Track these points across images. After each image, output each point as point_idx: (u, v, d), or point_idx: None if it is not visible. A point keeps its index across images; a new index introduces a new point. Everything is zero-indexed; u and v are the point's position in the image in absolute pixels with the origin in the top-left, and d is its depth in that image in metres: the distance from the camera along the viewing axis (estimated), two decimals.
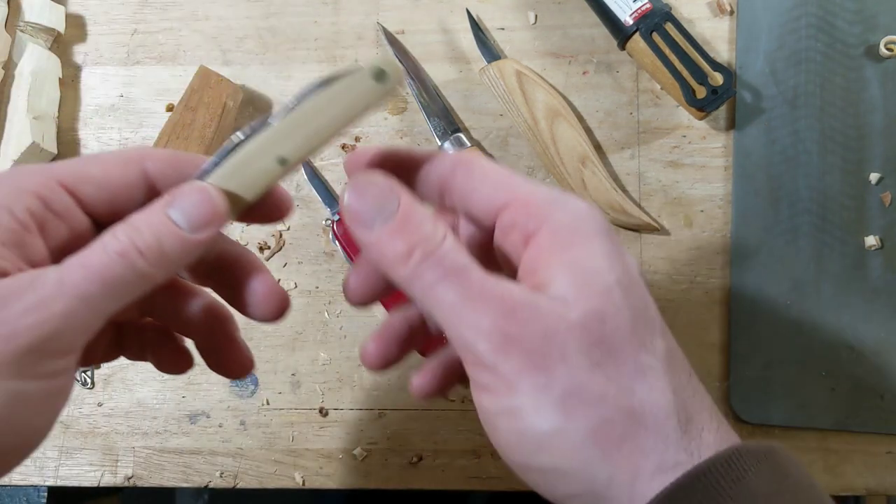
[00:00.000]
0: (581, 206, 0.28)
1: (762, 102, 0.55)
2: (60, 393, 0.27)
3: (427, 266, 0.26)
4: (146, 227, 0.27)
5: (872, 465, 0.53)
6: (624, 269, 0.27)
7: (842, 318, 0.52)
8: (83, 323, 0.26)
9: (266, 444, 0.56)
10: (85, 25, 0.60)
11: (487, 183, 0.29)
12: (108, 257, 0.26)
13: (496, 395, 0.26)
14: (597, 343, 0.25)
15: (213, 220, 0.28)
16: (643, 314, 0.27)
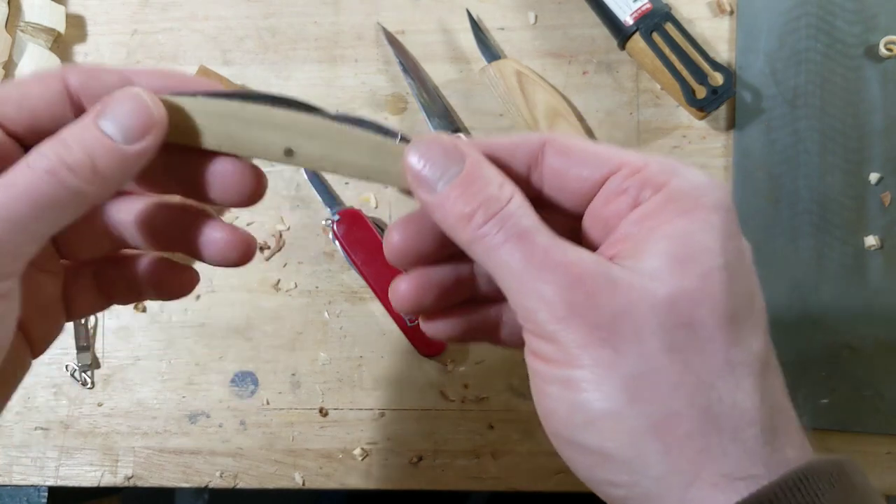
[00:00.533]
0: (702, 177, 0.25)
1: (762, 102, 0.55)
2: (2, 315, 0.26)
3: (490, 228, 0.24)
4: (75, 141, 0.25)
5: (872, 465, 0.53)
6: (737, 252, 0.25)
7: (842, 318, 0.52)
8: (13, 245, 0.24)
9: (266, 444, 0.56)
10: (85, 25, 0.60)
11: (589, 156, 0.26)
12: (35, 175, 0.24)
13: (553, 365, 0.24)
14: (682, 326, 0.23)
15: (150, 129, 0.26)
16: (747, 306, 0.24)
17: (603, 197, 0.26)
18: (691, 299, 0.23)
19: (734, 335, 0.23)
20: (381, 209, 0.57)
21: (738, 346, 0.23)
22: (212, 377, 0.56)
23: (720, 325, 0.23)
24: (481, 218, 0.25)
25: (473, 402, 0.55)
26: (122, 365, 0.57)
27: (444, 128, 0.55)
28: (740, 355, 0.23)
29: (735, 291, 0.24)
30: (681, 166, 0.25)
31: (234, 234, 0.30)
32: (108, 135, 0.25)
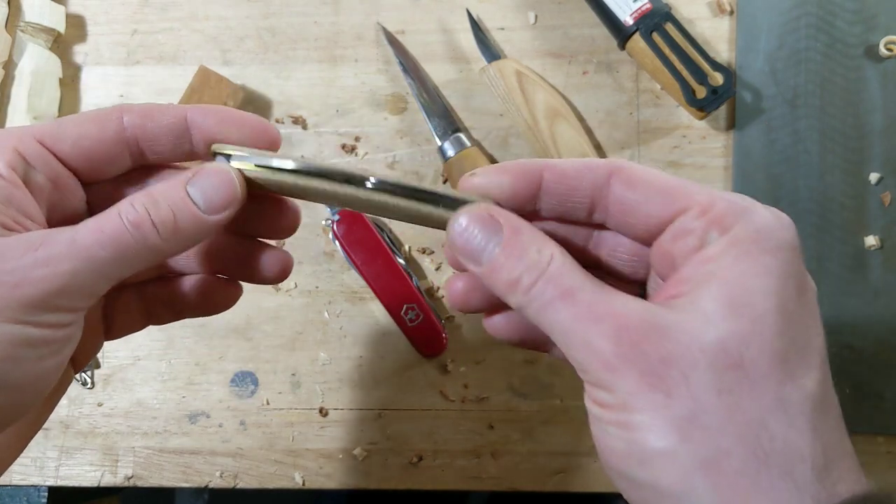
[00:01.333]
0: (769, 217, 0.26)
1: (762, 102, 0.55)
2: (63, 343, 0.28)
3: (536, 291, 0.26)
4: (164, 200, 0.28)
5: (872, 465, 0.53)
6: (796, 293, 0.25)
7: (842, 318, 0.52)
8: (89, 284, 0.27)
9: (266, 444, 0.56)
10: (85, 25, 0.60)
11: (657, 191, 0.27)
12: (122, 225, 0.27)
13: (610, 410, 0.25)
14: (732, 367, 0.24)
15: (230, 205, 0.28)
16: (801, 347, 0.25)
17: (671, 234, 0.27)
18: (742, 341, 0.24)
19: (786, 374, 0.24)
20: None
21: (790, 385, 0.24)
22: (212, 377, 0.56)
23: (771, 364, 0.24)
24: (527, 282, 0.26)
25: (473, 402, 0.55)
26: (122, 365, 0.57)
27: (444, 128, 0.55)
28: (793, 394, 0.24)
29: (788, 332, 0.24)
30: (749, 205, 0.26)
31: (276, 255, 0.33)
32: (194, 200, 0.28)
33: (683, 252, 0.26)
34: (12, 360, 0.26)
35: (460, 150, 0.55)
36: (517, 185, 0.28)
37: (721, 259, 0.25)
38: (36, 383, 0.28)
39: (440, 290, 0.56)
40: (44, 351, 0.27)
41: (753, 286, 0.24)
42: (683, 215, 0.26)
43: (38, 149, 0.29)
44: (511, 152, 0.57)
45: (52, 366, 0.28)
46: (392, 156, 0.57)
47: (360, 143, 0.58)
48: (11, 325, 0.26)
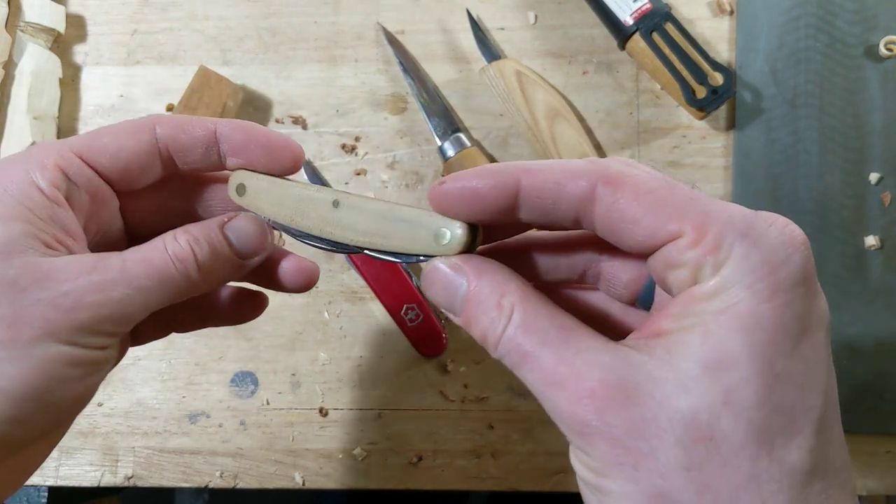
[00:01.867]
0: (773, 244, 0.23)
1: (762, 102, 0.55)
2: (104, 363, 0.29)
3: (503, 349, 0.26)
4: (206, 240, 0.30)
5: (872, 465, 0.53)
6: (791, 346, 0.23)
7: (842, 318, 0.52)
8: (134, 312, 0.28)
9: (266, 444, 0.56)
10: (85, 25, 0.60)
11: (645, 209, 0.24)
12: (168, 259, 0.29)
13: (590, 472, 0.24)
14: (702, 440, 0.22)
15: (259, 253, 0.31)
16: (788, 413, 0.22)
17: (663, 260, 0.24)
18: (713, 412, 0.22)
19: (762, 449, 0.22)
20: None
21: (766, 460, 0.22)
22: (212, 377, 0.56)
23: (745, 439, 0.22)
24: (493, 339, 0.26)
25: (473, 402, 0.55)
26: (122, 365, 0.57)
27: (444, 128, 0.55)
28: (770, 470, 0.22)
29: (771, 399, 0.22)
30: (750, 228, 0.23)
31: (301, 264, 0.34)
32: (231, 242, 0.31)
33: (676, 283, 0.24)
34: (59, 379, 0.27)
35: (460, 150, 0.55)
36: (489, 198, 0.26)
37: (709, 304, 0.23)
38: (77, 402, 0.29)
39: None
40: (87, 370, 0.28)
41: (734, 346, 0.22)
42: (674, 242, 0.23)
43: (78, 164, 0.30)
44: (511, 152, 0.57)
45: (92, 385, 0.29)
46: (392, 156, 0.57)
47: (360, 143, 0.58)
48: (61, 346, 0.27)
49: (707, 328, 0.22)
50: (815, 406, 0.23)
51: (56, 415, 0.29)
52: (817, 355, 0.23)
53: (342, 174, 0.57)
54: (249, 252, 0.31)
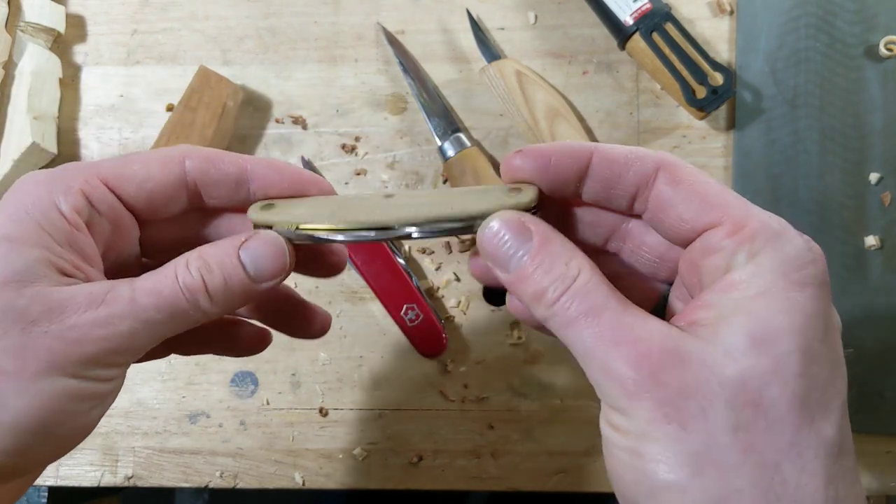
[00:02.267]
0: (801, 246, 0.26)
1: (762, 102, 0.55)
2: (109, 394, 0.29)
3: (561, 305, 0.26)
4: (217, 266, 0.28)
5: (872, 465, 0.53)
6: (822, 334, 0.25)
7: (842, 318, 0.52)
8: (141, 344, 0.28)
9: (266, 444, 0.56)
10: (85, 25, 0.60)
11: (695, 196, 0.26)
12: (178, 290, 0.28)
13: (623, 434, 0.25)
14: (750, 405, 0.23)
15: (278, 275, 0.29)
16: (822, 390, 0.24)
17: (700, 247, 0.26)
18: (762, 379, 0.23)
19: (804, 418, 0.24)
20: None
21: (807, 430, 0.24)
22: (212, 377, 0.56)
23: (790, 407, 0.23)
24: (553, 296, 0.26)
25: (473, 402, 0.55)
26: None
27: (444, 128, 0.55)
28: (809, 439, 0.24)
29: (810, 375, 0.24)
30: (781, 230, 0.25)
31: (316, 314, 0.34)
32: (245, 266, 0.29)
33: (710, 271, 0.26)
34: (63, 413, 0.27)
35: (460, 150, 0.55)
36: (563, 165, 0.28)
37: (747, 288, 0.25)
38: (80, 434, 0.29)
39: (440, 290, 0.56)
40: (92, 403, 0.28)
41: (778, 323, 0.24)
42: (714, 230, 0.26)
43: (103, 191, 0.29)
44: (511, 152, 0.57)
45: (96, 417, 0.29)
46: (392, 156, 0.57)
47: (360, 143, 0.58)
48: (66, 379, 0.27)
49: (749, 308, 0.24)
50: (842, 390, 0.25)
51: (58, 446, 0.29)
52: (839, 349, 0.25)
53: (342, 174, 0.57)
54: (266, 276, 0.29)
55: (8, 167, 0.54)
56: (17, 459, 0.27)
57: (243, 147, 0.58)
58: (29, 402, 0.26)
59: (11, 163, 0.54)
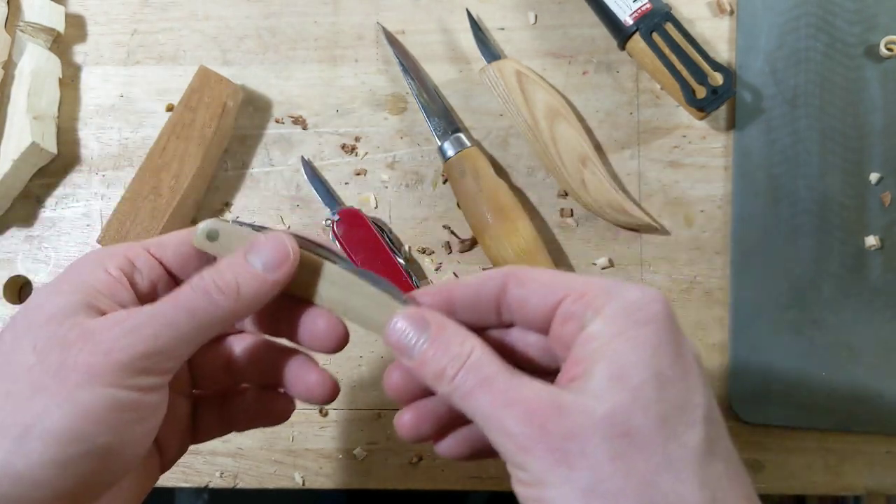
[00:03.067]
0: (637, 294, 0.29)
1: (762, 102, 0.55)
2: (153, 408, 0.31)
3: (459, 380, 0.29)
4: (227, 269, 0.32)
5: (872, 465, 0.53)
6: (671, 359, 0.28)
7: (842, 318, 0.52)
8: (171, 346, 0.31)
9: (266, 444, 0.56)
10: (85, 25, 0.60)
11: (541, 285, 0.31)
12: (193, 293, 0.31)
13: (528, 487, 0.28)
14: (621, 436, 0.27)
15: (286, 262, 0.33)
16: (680, 406, 0.28)
17: (559, 321, 0.31)
18: (626, 411, 0.27)
19: (668, 434, 0.27)
20: (381, 209, 0.57)
21: (674, 444, 0.27)
22: None
23: (654, 428, 0.27)
24: (451, 372, 0.30)
25: None
26: None
27: (444, 128, 0.55)
28: (677, 451, 0.27)
29: (666, 396, 0.28)
30: (618, 288, 0.30)
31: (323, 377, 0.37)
32: (253, 265, 0.32)
33: (570, 334, 0.30)
34: (106, 424, 0.29)
35: (460, 150, 0.55)
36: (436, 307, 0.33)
37: (600, 338, 0.29)
38: (126, 450, 0.31)
39: None
40: (134, 416, 0.30)
41: (629, 360, 0.28)
42: (563, 302, 0.30)
43: (145, 255, 0.34)
44: (511, 152, 0.57)
45: (140, 433, 0.31)
46: (392, 156, 0.57)
47: (360, 143, 0.58)
48: (105, 389, 0.29)
49: (605, 353, 0.28)
50: (701, 404, 0.28)
51: (107, 463, 0.30)
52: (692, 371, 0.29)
53: (342, 174, 0.57)
54: (274, 266, 0.32)
55: (8, 167, 0.54)
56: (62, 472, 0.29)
57: (243, 147, 0.58)
58: (69, 411, 0.28)
59: (11, 163, 0.54)
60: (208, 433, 0.39)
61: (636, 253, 0.55)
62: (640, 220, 0.54)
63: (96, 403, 0.29)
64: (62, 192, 0.58)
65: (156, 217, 0.54)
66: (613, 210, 0.54)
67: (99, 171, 0.59)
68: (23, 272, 0.58)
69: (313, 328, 0.35)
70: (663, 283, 0.55)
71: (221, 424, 0.39)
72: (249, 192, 0.58)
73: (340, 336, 0.35)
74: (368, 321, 0.34)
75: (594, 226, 0.56)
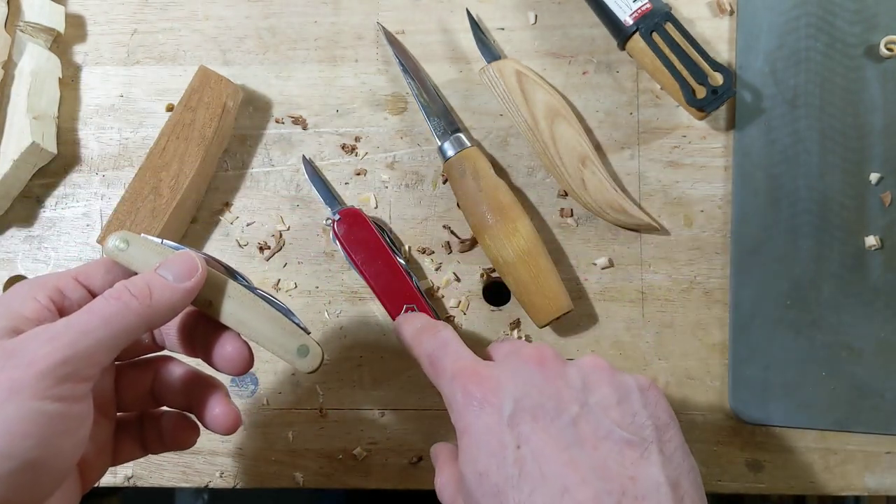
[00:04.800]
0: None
1: (762, 102, 0.55)
2: (79, 418, 0.32)
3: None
4: (140, 279, 0.35)
5: (872, 465, 0.53)
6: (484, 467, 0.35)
7: (842, 318, 0.52)
8: (89, 352, 0.32)
9: (266, 444, 0.56)
10: (85, 25, 0.60)
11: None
12: (105, 301, 0.34)
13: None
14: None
15: (194, 274, 0.36)
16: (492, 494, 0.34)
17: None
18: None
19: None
20: (381, 209, 0.57)
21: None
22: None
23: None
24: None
25: None
26: None
27: (444, 128, 0.55)
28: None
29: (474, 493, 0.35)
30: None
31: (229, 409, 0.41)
32: (164, 277, 0.36)
33: None
34: (34, 438, 0.30)
35: (460, 150, 0.55)
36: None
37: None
38: (55, 463, 0.31)
39: (440, 290, 0.56)
40: (60, 427, 0.31)
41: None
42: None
43: (74, 284, 0.36)
44: (511, 152, 0.57)
45: (68, 446, 0.32)
46: (392, 156, 0.57)
47: (360, 143, 0.58)
48: (30, 402, 0.30)
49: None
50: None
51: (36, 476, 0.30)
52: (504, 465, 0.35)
53: (342, 174, 0.57)
54: (183, 276, 0.36)
55: (7, 167, 0.54)
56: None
57: (243, 147, 0.58)
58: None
59: (11, 163, 0.54)
60: (127, 455, 0.41)
61: (636, 253, 0.55)
62: (640, 220, 0.54)
63: (22, 418, 0.29)
64: (62, 192, 0.58)
65: (156, 217, 0.54)
66: (613, 210, 0.54)
67: (99, 171, 0.59)
68: (23, 272, 0.58)
69: (222, 351, 0.39)
70: (663, 283, 0.55)
71: (138, 447, 0.42)
72: (249, 192, 0.58)
73: (245, 359, 0.39)
74: (266, 340, 0.39)
75: (594, 226, 0.56)
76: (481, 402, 0.36)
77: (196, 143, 0.54)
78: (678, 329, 0.55)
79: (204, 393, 0.41)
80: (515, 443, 0.34)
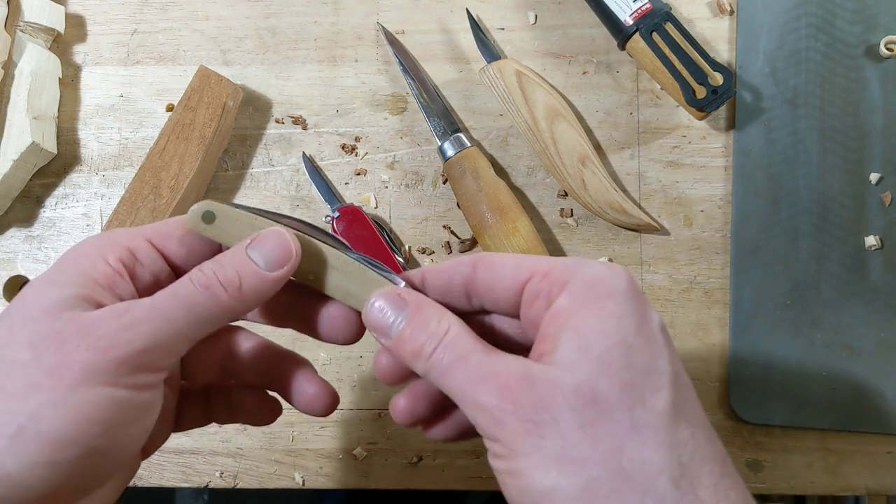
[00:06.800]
0: (599, 268, 0.30)
1: (762, 102, 0.55)
2: (149, 407, 0.31)
3: (436, 358, 0.30)
4: (229, 263, 0.31)
5: (872, 465, 0.53)
6: (635, 327, 0.29)
7: (842, 318, 0.52)
8: (169, 343, 0.30)
9: (266, 444, 0.56)
10: (85, 25, 0.60)
11: (508, 268, 0.32)
12: (193, 288, 0.31)
13: (502, 459, 0.29)
14: (589, 404, 0.28)
15: (288, 261, 0.32)
16: (646, 372, 0.28)
17: (527, 300, 0.31)
18: (592, 380, 0.28)
19: (634, 399, 0.28)
20: (381, 209, 0.57)
21: (639, 408, 0.28)
22: None
23: (620, 395, 0.28)
24: (428, 350, 0.30)
25: None
26: None
27: (444, 128, 0.55)
28: (643, 416, 0.28)
29: (631, 363, 0.28)
30: (581, 264, 0.31)
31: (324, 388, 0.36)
32: (255, 262, 0.31)
33: (539, 312, 0.31)
34: (101, 425, 0.28)
35: (460, 150, 0.55)
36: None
37: (566, 311, 0.29)
38: (119, 450, 0.30)
39: None
40: (129, 416, 0.30)
41: (593, 330, 0.29)
42: (530, 282, 0.31)
43: (147, 247, 0.33)
44: (511, 152, 0.57)
45: (134, 434, 0.30)
46: (392, 156, 0.57)
47: (360, 143, 0.58)
48: (102, 388, 0.28)
49: (571, 327, 0.29)
50: (666, 371, 0.29)
51: (103, 461, 0.29)
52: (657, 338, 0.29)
53: (342, 174, 0.57)
54: (276, 264, 0.32)
55: (8, 167, 0.54)
56: (57, 473, 0.28)
57: (243, 147, 0.58)
58: (65, 413, 0.28)
59: (11, 163, 0.54)
60: (190, 423, 0.38)
61: (636, 253, 0.55)
62: (640, 220, 0.54)
63: (92, 404, 0.28)
64: (62, 192, 0.58)
65: (156, 217, 0.54)
66: (613, 210, 0.54)
67: (99, 171, 0.59)
68: (23, 272, 0.58)
69: (329, 319, 0.35)
70: (663, 282, 0.55)
71: (202, 416, 0.39)
72: (249, 192, 0.58)
73: (358, 327, 0.35)
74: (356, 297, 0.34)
75: (594, 226, 0.56)
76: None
77: (196, 143, 0.54)
78: (678, 329, 0.55)
79: (286, 370, 0.37)
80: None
